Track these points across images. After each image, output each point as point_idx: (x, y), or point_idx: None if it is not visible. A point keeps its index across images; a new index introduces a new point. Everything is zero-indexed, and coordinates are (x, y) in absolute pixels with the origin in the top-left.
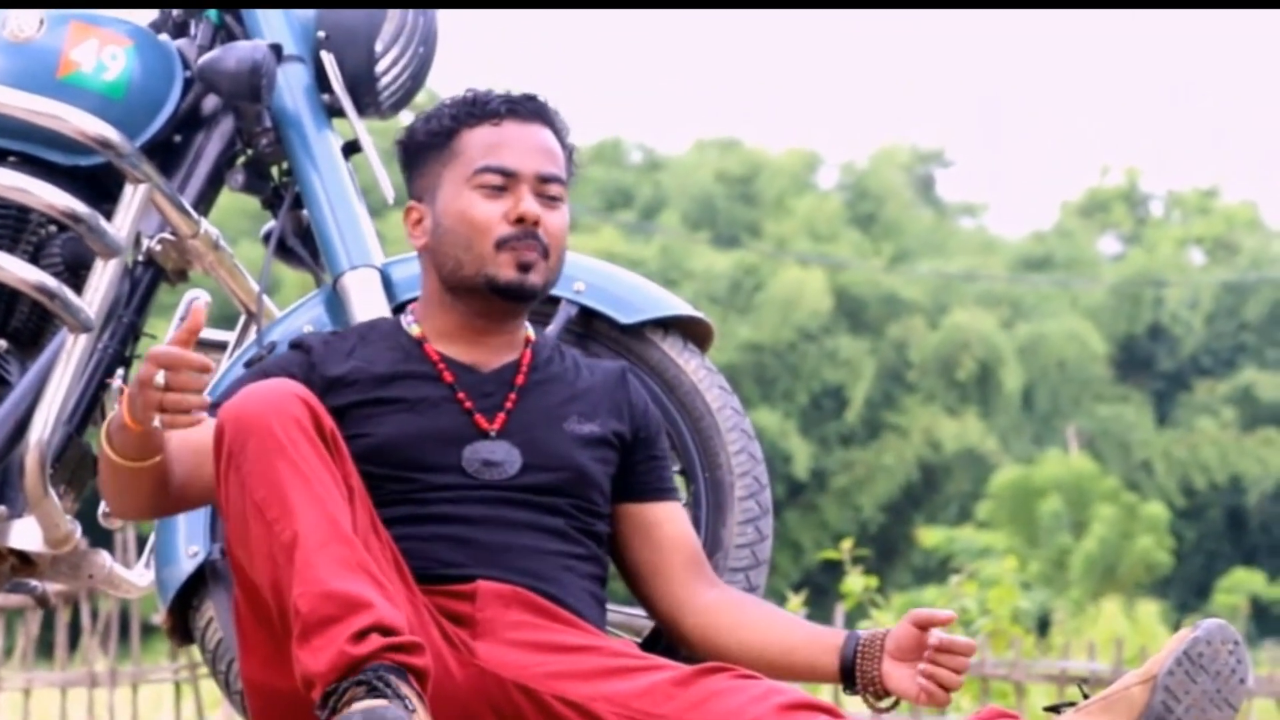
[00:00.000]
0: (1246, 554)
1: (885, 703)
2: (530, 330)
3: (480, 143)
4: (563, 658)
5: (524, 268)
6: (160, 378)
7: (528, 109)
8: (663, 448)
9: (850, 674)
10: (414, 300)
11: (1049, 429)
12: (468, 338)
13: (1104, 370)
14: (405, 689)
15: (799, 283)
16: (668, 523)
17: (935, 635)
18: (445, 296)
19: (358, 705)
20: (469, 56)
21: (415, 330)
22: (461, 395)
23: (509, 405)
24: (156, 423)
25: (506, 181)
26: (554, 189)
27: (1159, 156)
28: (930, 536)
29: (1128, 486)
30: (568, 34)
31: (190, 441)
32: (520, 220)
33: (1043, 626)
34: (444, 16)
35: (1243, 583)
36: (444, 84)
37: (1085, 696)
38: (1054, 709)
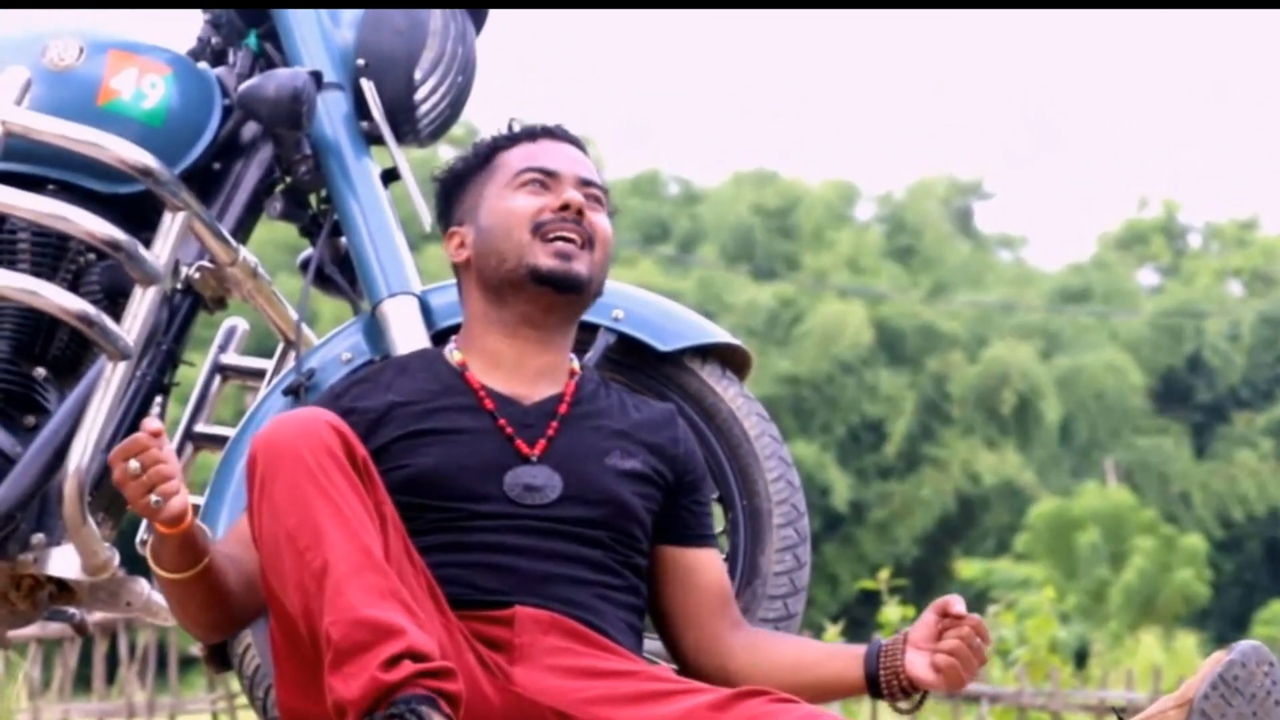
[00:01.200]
0: None
1: (908, 703)
2: (575, 363)
3: (520, 154)
4: (600, 683)
5: (564, 256)
6: (134, 465)
7: (561, 132)
8: (706, 494)
9: (876, 677)
10: (453, 328)
11: (1087, 461)
12: (511, 362)
13: (1142, 402)
14: (437, 716)
15: (839, 315)
16: (704, 570)
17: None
18: (489, 310)
19: None
20: (506, 88)
21: (456, 357)
22: (503, 422)
23: (550, 433)
24: (154, 499)
25: (549, 180)
26: (596, 193)
27: (1197, 188)
28: (968, 569)
29: (1166, 518)
30: (605, 66)
31: (236, 533)
32: (564, 208)
33: (1080, 658)
34: (483, 46)
35: None
36: (481, 114)
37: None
38: None
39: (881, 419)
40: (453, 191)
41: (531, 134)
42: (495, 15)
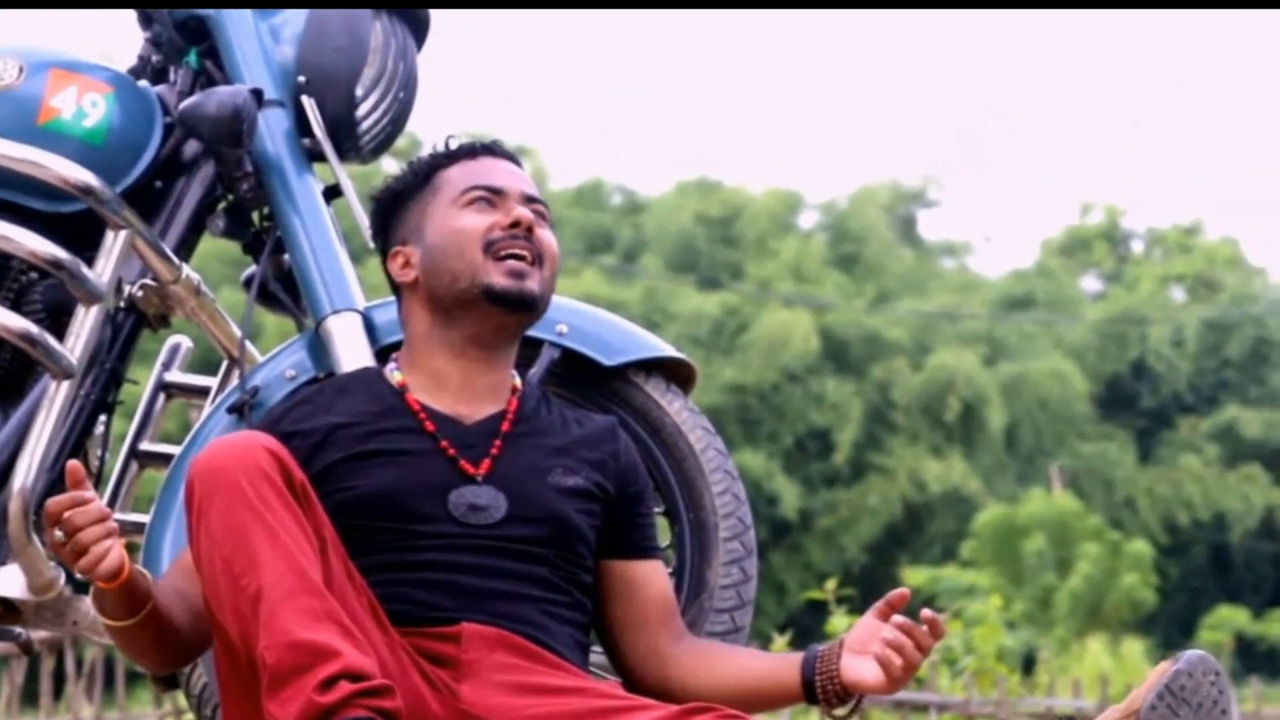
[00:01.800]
0: (1230, 591)
1: (843, 709)
2: (517, 379)
3: (462, 172)
4: (548, 700)
5: (518, 275)
6: (58, 535)
7: (499, 149)
8: (649, 506)
9: (811, 683)
10: (397, 344)
11: (1032, 468)
12: (455, 382)
13: (1086, 409)
14: None
15: (784, 324)
16: (648, 583)
17: (896, 619)
18: (435, 330)
19: None
20: (447, 102)
21: (397, 378)
22: (445, 444)
23: (494, 452)
24: (83, 568)
25: (494, 198)
26: (541, 209)
27: (1140, 194)
28: (915, 576)
29: (1111, 524)
30: (547, 75)
31: (181, 564)
32: (514, 225)
33: (1028, 665)
34: (424, 60)
35: (1227, 620)
36: (424, 125)
37: None
38: None
39: (828, 428)
40: (392, 210)
41: (471, 151)
42: (437, 25)
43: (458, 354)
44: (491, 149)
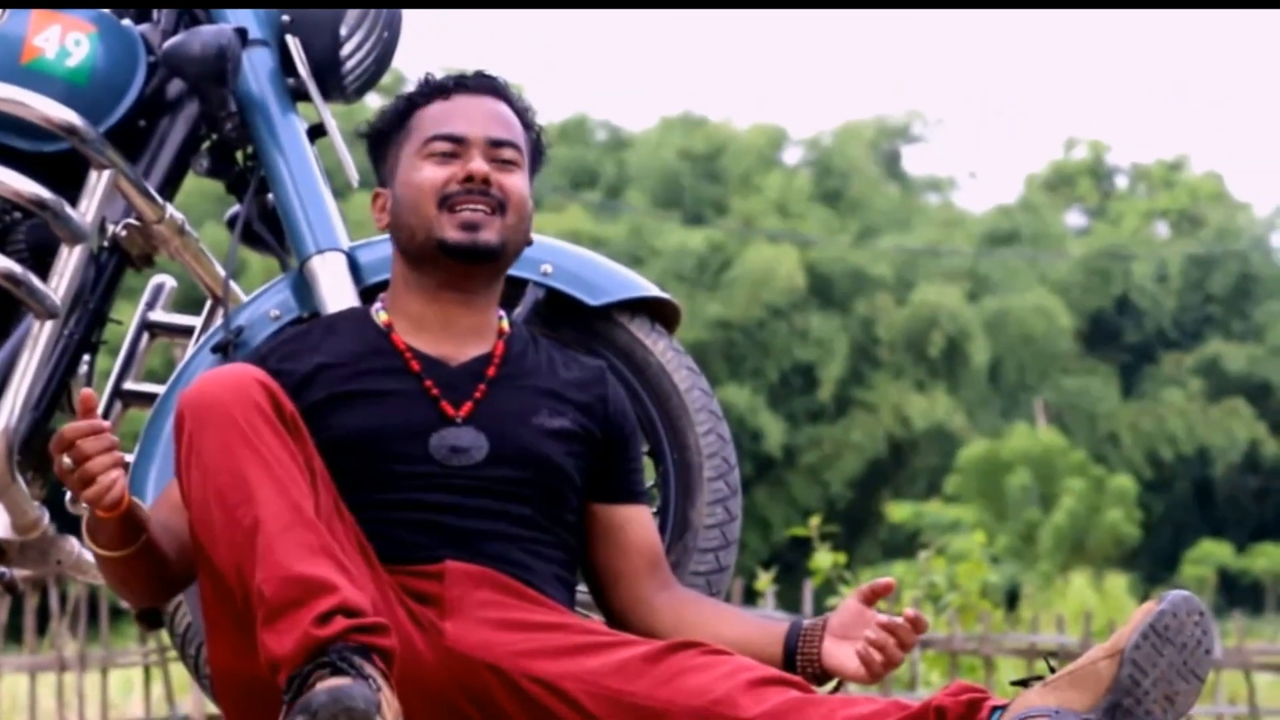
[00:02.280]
0: (1214, 526)
1: (826, 687)
2: (505, 321)
3: (431, 116)
4: (532, 636)
5: (470, 226)
6: (66, 461)
7: (477, 82)
8: (637, 451)
9: (793, 660)
10: (382, 284)
11: (1016, 403)
12: (437, 324)
13: (1070, 344)
14: (370, 668)
15: (769, 260)
16: (634, 526)
17: (879, 616)
18: (409, 274)
19: (322, 685)
20: (433, 38)
21: (383, 318)
22: (429, 384)
23: (478, 395)
24: (85, 505)
25: (456, 148)
26: (507, 153)
27: (1124, 130)
28: (898, 511)
29: (1095, 459)
30: (532, 12)
31: (167, 499)
32: (469, 179)
33: (1011, 600)
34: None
35: (1210, 554)
36: (409, 67)
37: (1052, 671)
38: (1022, 683)
39: (813, 363)
40: (378, 149)
41: (444, 89)
42: None
43: (433, 298)
44: (467, 84)
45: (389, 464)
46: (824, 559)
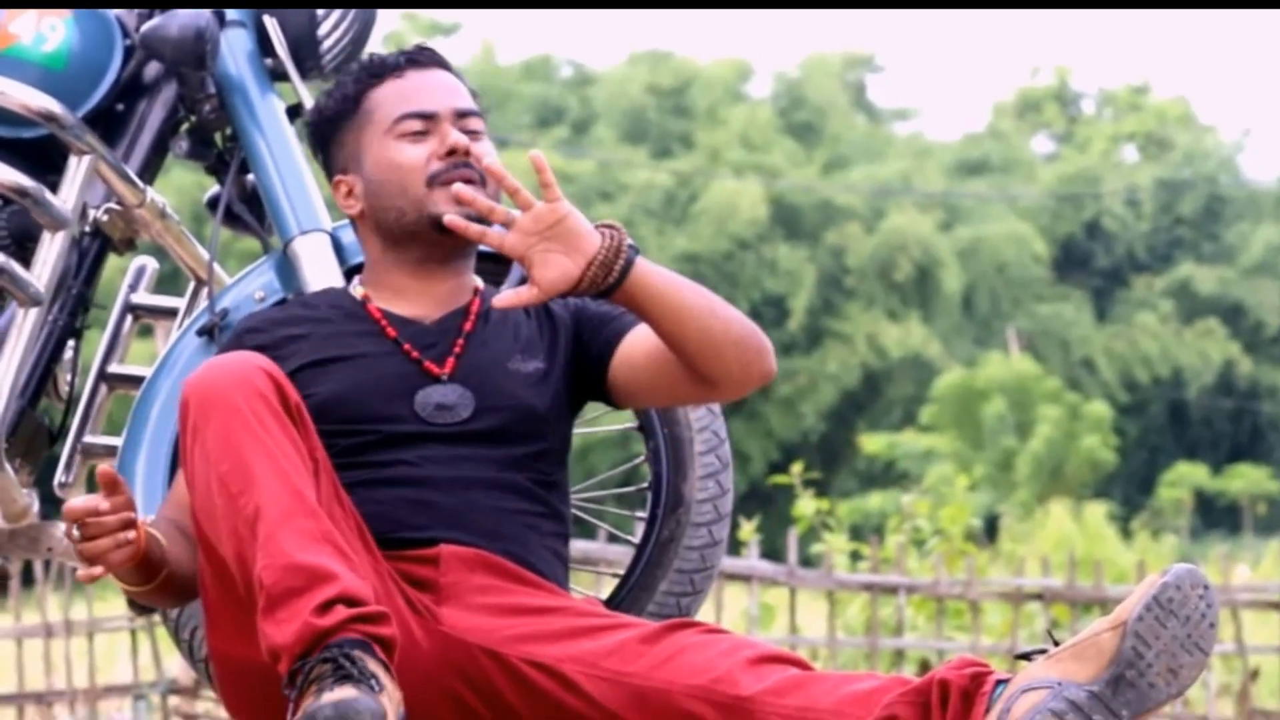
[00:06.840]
0: (1189, 448)
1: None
2: (479, 280)
3: (390, 96)
4: (529, 620)
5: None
6: (75, 532)
7: (427, 57)
8: (600, 307)
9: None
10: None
11: (989, 331)
12: (414, 291)
13: (1043, 271)
14: (372, 664)
15: (734, 193)
16: (641, 341)
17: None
18: (390, 254)
19: (328, 697)
20: None
21: (360, 291)
22: (407, 346)
23: (458, 350)
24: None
25: (427, 124)
26: (473, 123)
27: (1089, 54)
28: (873, 443)
29: (1070, 386)
30: None
31: (177, 496)
32: (451, 153)
33: (990, 530)
34: None
35: (1186, 476)
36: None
37: (1056, 643)
38: (1025, 656)
39: (782, 295)
40: (329, 136)
41: (396, 67)
42: None
43: (414, 271)
44: (416, 59)
45: (374, 424)
46: (807, 505)
